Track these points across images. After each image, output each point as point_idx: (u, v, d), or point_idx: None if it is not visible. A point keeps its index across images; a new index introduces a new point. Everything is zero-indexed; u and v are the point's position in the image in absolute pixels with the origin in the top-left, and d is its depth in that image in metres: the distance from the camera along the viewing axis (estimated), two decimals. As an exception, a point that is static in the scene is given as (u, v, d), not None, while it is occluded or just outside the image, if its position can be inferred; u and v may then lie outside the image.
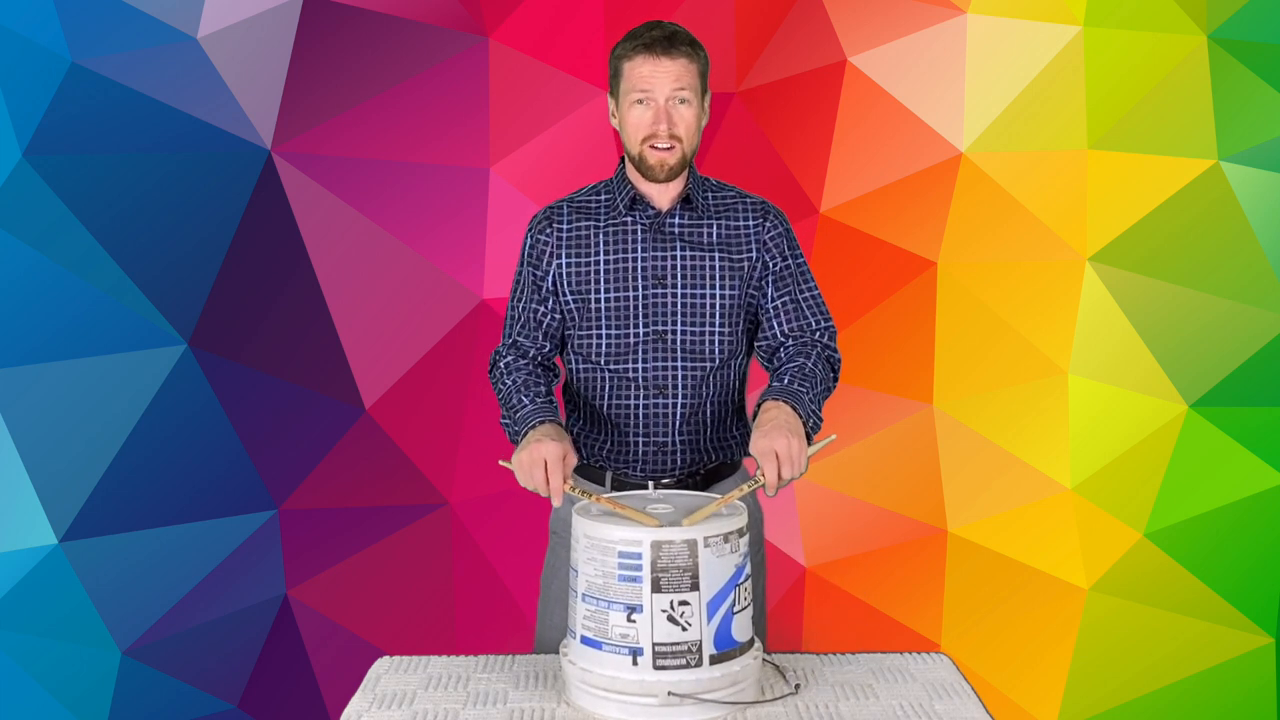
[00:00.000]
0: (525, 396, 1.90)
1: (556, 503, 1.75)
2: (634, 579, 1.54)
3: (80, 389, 2.64)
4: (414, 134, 2.93)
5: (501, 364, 2.00)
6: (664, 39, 1.87)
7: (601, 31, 3.00)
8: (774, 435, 1.68)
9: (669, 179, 1.91)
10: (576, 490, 1.71)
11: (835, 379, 1.97)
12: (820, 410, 1.87)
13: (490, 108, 2.98)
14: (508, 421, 1.94)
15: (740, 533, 1.60)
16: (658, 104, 1.87)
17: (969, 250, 2.96)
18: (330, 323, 2.88)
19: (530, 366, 1.98)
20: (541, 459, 1.73)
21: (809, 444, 1.75)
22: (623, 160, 1.98)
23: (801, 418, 1.77)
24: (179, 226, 2.72)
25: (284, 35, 2.77)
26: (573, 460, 1.77)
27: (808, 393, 1.83)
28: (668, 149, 1.88)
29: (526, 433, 1.82)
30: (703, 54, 1.92)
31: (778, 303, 1.96)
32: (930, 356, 3.00)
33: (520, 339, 2.01)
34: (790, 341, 1.96)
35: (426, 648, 2.53)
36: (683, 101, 1.88)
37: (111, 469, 2.66)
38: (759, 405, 1.81)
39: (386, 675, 1.75)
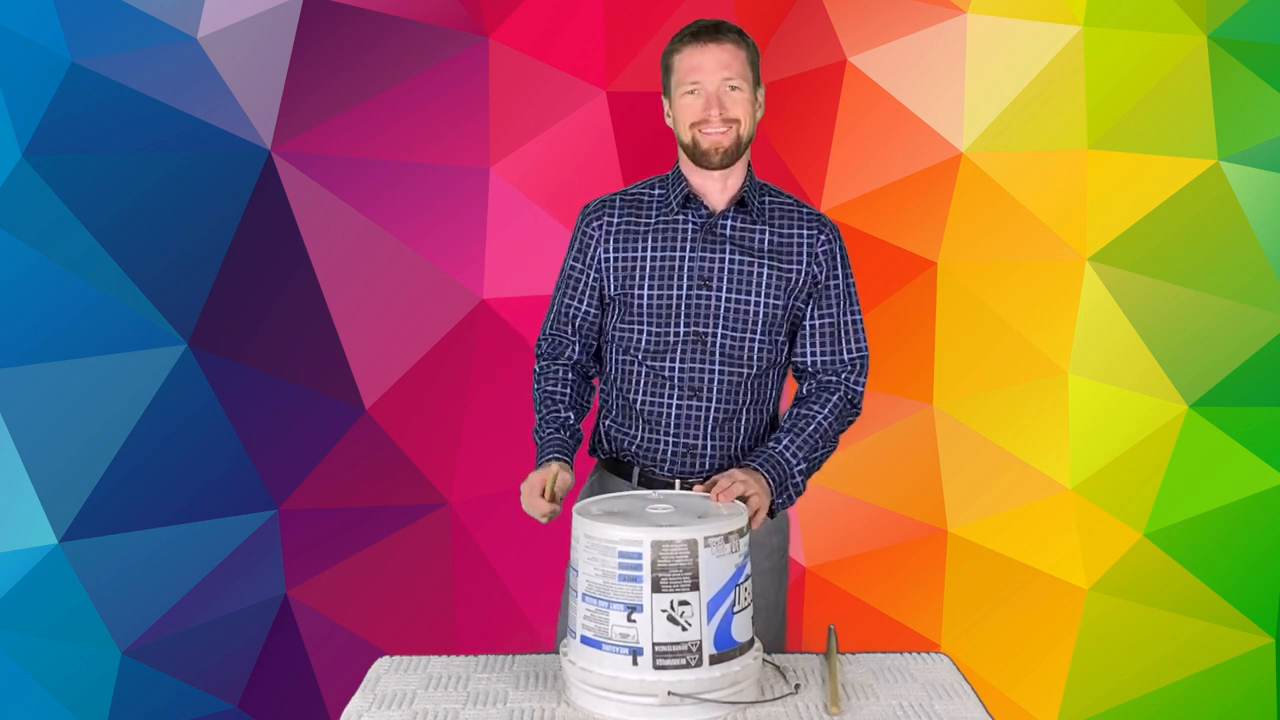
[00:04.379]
0: (542, 428, 1.98)
1: (540, 520, 1.83)
2: (634, 579, 1.54)
3: (80, 389, 2.64)
4: (414, 134, 2.93)
5: (538, 366, 2.05)
6: (709, 28, 1.89)
7: (601, 31, 3.00)
8: (731, 476, 1.77)
9: (724, 164, 1.89)
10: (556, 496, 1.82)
11: (855, 413, 2.01)
12: (805, 482, 1.93)
13: (490, 108, 2.98)
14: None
15: (740, 533, 1.61)
16: (708, 91, 1.86)
17: (969, 250, 2.96)
18: (330, 323, 2.88)
19: (559, 373, 2.02)
20: (523, 492, 1.84)
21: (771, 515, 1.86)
22: (678, 161, 1.98)
23: (772, 489, 1.83)
24: (179, 226, 2.72)
25: (284, 35, 2.77)
26: (563, 481, 1.84)
27: (799, 461, 1.90)
28: (722, 132, 1.86)
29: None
30: (751, 44, 1.92)
31: (816, 323, 1.96)
32: (930, 356, 3.00)
33: (556, 332, 2.03)
34: (819, 374, 1.98)
35: (426, 648, 2.52)
36: (734, 88, 1.87)
37: (111, 469, 2.66)
38: (750, 456, 1.89)
39: (386, 675, 1.75)
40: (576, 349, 2.02)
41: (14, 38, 2.59)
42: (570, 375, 2.02)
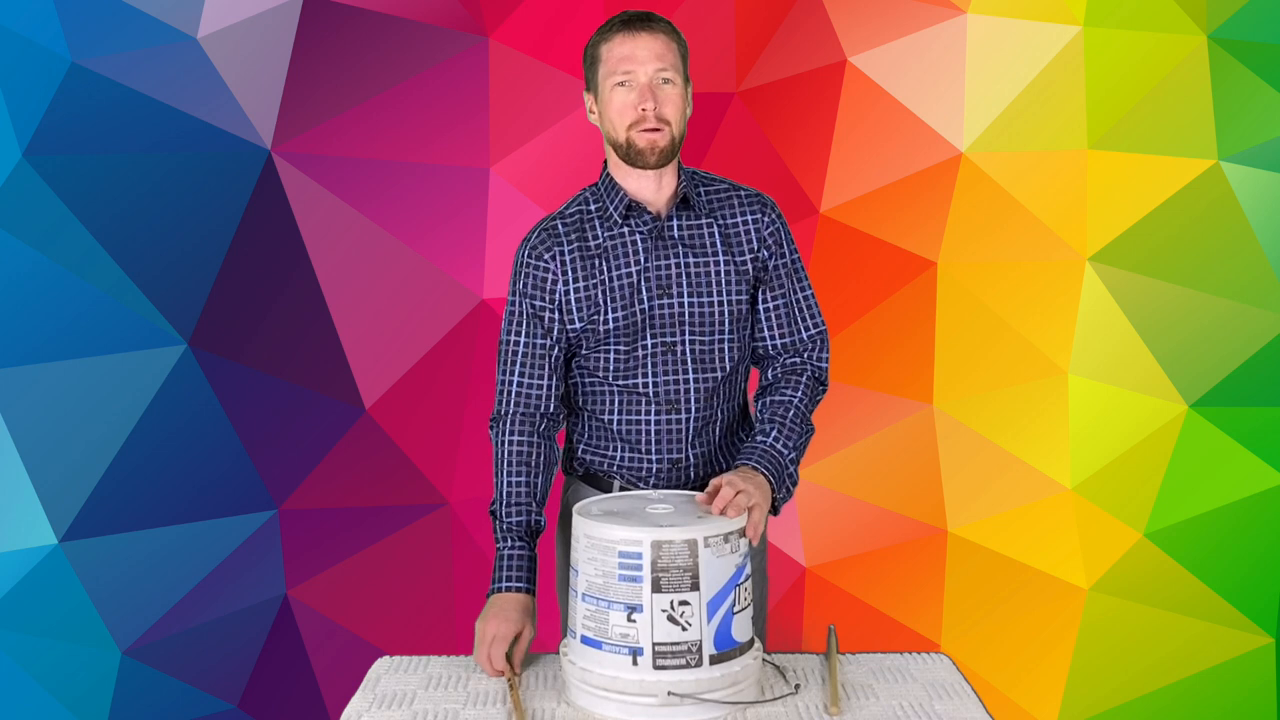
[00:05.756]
0: (508, 532, 1.82)
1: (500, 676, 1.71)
2: (634, 579, 1.54)
3: (80, 389, 2.64)
4: (414, 134, 2.93)
5: (503, 439, 1.87)
6: (640, 17, 1.81)
7: (601, 31, 3.00)
8: (733, 485, 1.66)
9: (660, 164, 1.82)
10: (511, 681, 1.67)
11: (823, 390, 1.96)
12: (797, 470, 1.86)
13: (490, 108, 2.98)
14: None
15: (740, 533, 1.60)
16: (641, 84, 1.78)
17: (969, 250, 2.96)
18: (330, 323, 2.88)
19: (531, 458, 1.85)
20: (488, 637, 1.70)
21: (775, 511, 1.79)
22: (606, 165, 1.90)
23: (773, 486, 1.77)
24: (179, 226, 2.72)
25: (284, 35, 2.77)
26: (526, 638, 1.73)
27: (790, 451, 1.84)
28: (656, 131, 1.79)
29: (492, 593, 1.78)
30: (682, 38, 1.85)
31: (770, 304, 1.92)
32: (930, 356, 3.00)
33: (524, 384, 1.87)
34: (783, 355, 1.93)
35: (426, 648, 2.53)
36: (667, 82, 1.79)
37: (111, 469, 2.67)
38: (742, 454, 1.81)
39: (386, 675, 1.74)
40: (552, 398, 1.88)
41: (14, 38, 2.59)
42: (540, 457, 1.86)
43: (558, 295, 1.86)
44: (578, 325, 1.86)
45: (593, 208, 1.89)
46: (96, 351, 2.66)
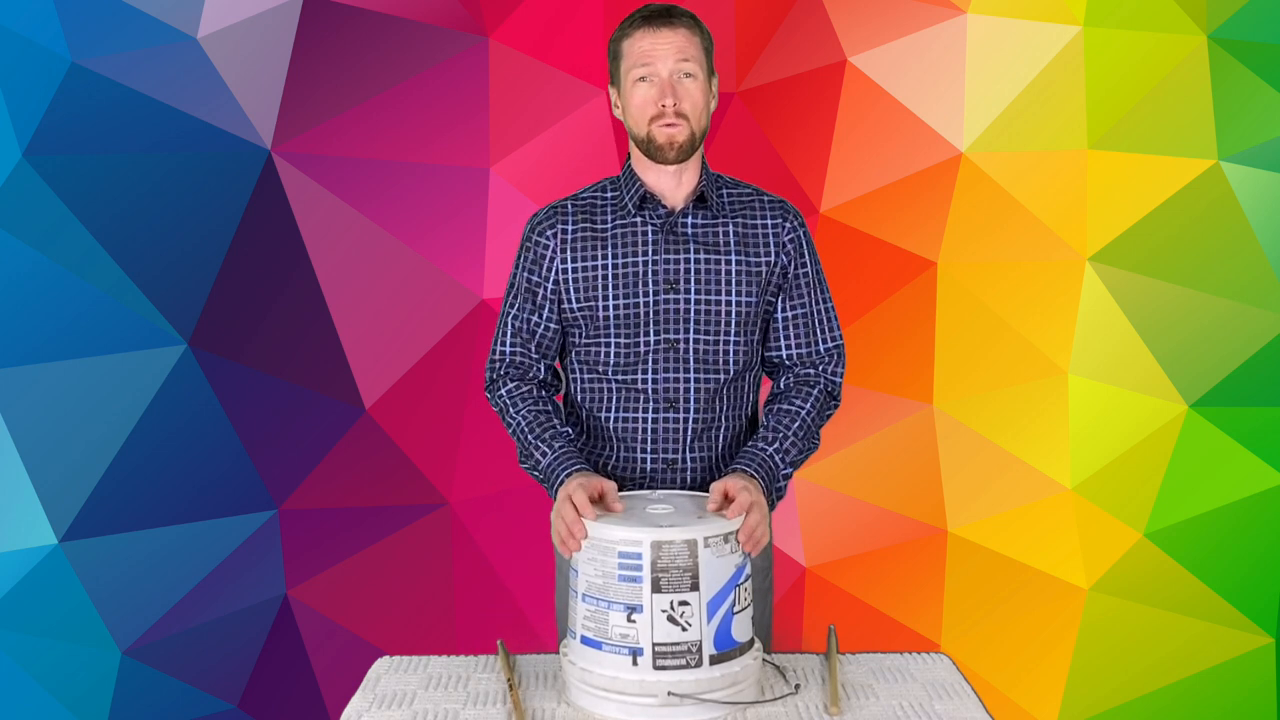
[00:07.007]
0: (541, 443, 1.80)
1: (568, 549, 1.62)
2: (634, 579, 1.54)
3: (80, 389, 2.64)
4: (414, 134, 2.93)
5: (503, 391, 1.89)
6: (663, 11, 1.81)
7: (601, 32, 3.00)
8: (749, 490, 1.64)
9: (680, 159, 1.81)
10: (511, 681, 1.65)
11: (835, 406, 1.94)
12: (786, 485, 1.84)
13: (490, 108, 2.98)
14: (528, 466, 1.85)
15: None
16: (661, 78, 1.78)
17: (969, 250, 2.96)
18: (330, 323, 2.88)
19: (535, 393, 1.88)
20: (571, 487, 1.64)
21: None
22: (629, 158, 1.90)
23: (765, 492, 1.75)
24: (179, 226, 2.72)
25: (284, 35, 2.77)
26: (594, 488, 1.64)
27: (786, 466, 1.82)
28: (674, 125, 1.78)
29: (556, 490, 1.73)
30: (705, 31, 1.84)
31: (789, 314, 1.90)
32: (930, 356, 3.00)
33: (515, 351, 1.90)
34: (796, 366, 1.91)
35: (426, 648, 2.53)
36: (688, 75, 1.79)
37: (111, 469, 2.67)
38: (741, 458, 1.79)
39: (386, 675, 1.75)
40: (542, 369, 1.91)
41: (14, 38, 2.59)
42: (546, 394, 1.90)
43: (554, 272, 1.87)
44: (575, 307, 1.86)
45: (609, 195, 1.90)
46: (96, 351, 2.66)
